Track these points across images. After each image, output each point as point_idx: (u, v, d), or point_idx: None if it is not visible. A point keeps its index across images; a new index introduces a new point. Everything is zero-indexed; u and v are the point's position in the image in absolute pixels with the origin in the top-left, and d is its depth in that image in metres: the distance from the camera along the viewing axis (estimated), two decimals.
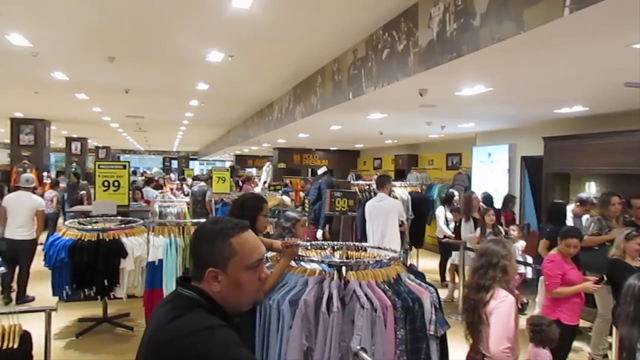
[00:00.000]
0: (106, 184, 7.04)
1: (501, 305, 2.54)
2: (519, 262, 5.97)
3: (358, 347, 2.24)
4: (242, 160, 23.16)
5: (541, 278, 5.03)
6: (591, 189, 6.57)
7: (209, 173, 11.06)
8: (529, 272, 6.19)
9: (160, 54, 5.82)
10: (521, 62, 3.69)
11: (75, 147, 17.86)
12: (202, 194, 9.35)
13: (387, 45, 4.47)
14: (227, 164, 24.66)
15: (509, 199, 7.40)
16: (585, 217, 5.56)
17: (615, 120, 6.26)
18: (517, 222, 7.71)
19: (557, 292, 3.62)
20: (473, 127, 8.52)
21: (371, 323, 2.46)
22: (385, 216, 5.74)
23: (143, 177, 15.98)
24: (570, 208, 5.69)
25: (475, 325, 2.64)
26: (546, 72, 4.03)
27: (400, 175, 12.94)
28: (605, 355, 4.53)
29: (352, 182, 7.83)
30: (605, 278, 3.87)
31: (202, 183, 10.17)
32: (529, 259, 6.11)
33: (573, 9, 2.43)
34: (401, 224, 5.82)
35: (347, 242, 3.25)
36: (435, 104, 5.67)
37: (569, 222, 5.42)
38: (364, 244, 3.26)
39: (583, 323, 4.49)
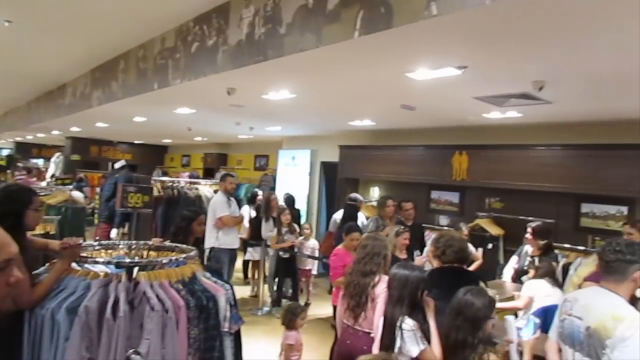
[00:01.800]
0: None
1: (387, 290, 2.84)
2: (311, 257, 6.47)
3: (130, 351, 2.12)
4: (24, 149, 19.80)
5: None
6: (375, 193, 7.52)
7: None
8: (314, 268, 6.69)
9: None
10: (321, 74, 4.00)
11: None
12: None
13: (197, 39, 4.37)
14: (6, 152, 20.81)
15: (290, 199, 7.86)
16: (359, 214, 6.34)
17: (395, 136, 7.30)
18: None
19: (340, 282, 4.02)
20: (280, 130, 8.92)
21: (162, 325, 2.36)
22: (209, 213, 5.78)
23: None
24: None
25: (362, 306, 2.91)
26: (341, 86, 4.46)
27: (209, 173, 12.80)
28: None
29: (154, 178, 7.43)
30: None
31: None
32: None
33: (362, 32, 2.74)
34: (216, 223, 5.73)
35: (144, 242, 3.06)
36: (244, 104, 5.75)
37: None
38: (158, 243, 3.09)
39: None
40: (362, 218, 6.31)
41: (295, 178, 9.33)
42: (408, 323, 2.51)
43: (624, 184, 4.84)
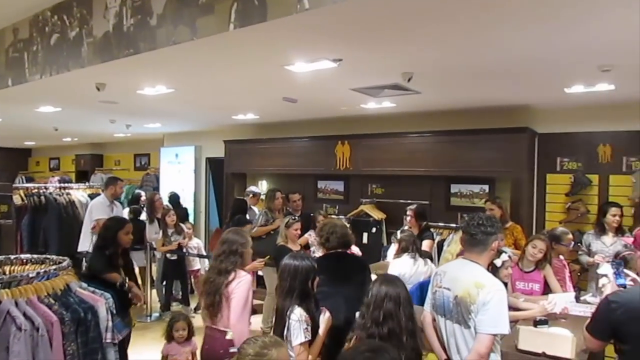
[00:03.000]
0: None
1: (241, 285, 2.78)
2: (200, 256, 6.31)
3: None
4: None
5: None
6: (263, 187, 7.53)
7: None
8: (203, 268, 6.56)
9: None
10: (199, 68, 3.88)
11: None
12: None
13: (57, 30, 3.98)
14: None
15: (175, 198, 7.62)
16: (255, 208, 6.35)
17: (280, 129, 7.36)
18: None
19: None
20: (160, 127, 8.50)
21: (32, 345, 2.15)
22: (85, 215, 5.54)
23: None
24: None
25: (217, 305, 2.76)
26: (222, 80, 4.36)
27: (84, 177, 11.81)
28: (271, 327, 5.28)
29: (16, 185, 6.66)
30: (273, 259, 4.48)
31: None
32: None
33: (237, 25, 2.71)
34: (94, 227, 5.36)
35: (6, 256, 2.74)
36: (117, 100, 5.37)
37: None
38: (25, 255, 2.79)
39: (256, 301, 5.06)
40: (257, 211, 6.27)
41: (180, 176, 8.99)
42: (296, 313, 2.56)
43: (485, 165, 5.42)
